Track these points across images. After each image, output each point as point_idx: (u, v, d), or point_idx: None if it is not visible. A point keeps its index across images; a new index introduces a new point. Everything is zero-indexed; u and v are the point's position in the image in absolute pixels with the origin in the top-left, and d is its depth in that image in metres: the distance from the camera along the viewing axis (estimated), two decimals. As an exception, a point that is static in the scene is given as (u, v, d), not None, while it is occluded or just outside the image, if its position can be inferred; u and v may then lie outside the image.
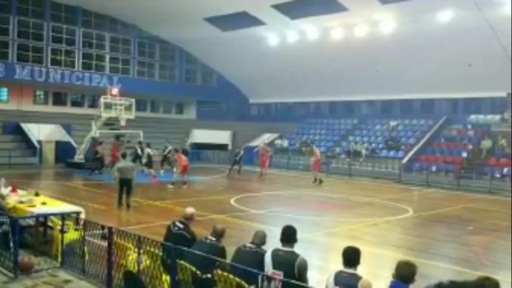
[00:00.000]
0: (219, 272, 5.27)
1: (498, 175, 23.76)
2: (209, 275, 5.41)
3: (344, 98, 35.23)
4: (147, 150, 23.34)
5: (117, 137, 27.28)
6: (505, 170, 23.93)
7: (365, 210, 16.22)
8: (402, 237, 12.36)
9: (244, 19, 30.29)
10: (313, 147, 26.14)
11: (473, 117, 29.55)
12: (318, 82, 33.32)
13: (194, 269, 5.58)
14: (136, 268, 6.34)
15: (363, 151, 29.67)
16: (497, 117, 28.06)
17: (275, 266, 5.27)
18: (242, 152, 27.18)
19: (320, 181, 22.65)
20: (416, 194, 21.01)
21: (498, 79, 25.86)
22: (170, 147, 25.43)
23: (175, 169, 21.93)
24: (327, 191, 20.67)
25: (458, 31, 24.48)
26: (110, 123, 29.22)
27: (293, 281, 4.87)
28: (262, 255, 5.55)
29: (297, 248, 5.64)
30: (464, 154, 26.49)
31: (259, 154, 26.36)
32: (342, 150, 31.24)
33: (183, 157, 20.18)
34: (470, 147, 26.95)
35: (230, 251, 6.03)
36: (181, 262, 5.75)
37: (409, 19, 25.56)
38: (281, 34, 31.93)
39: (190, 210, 7.18)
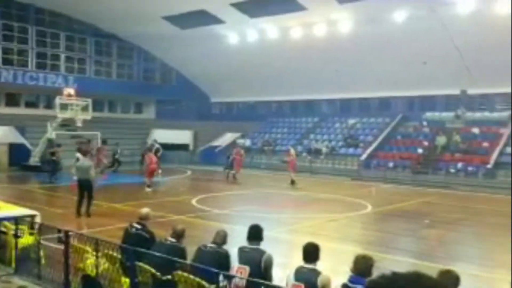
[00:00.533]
0: (179, 273, 5.22)
1: (452, 170, 24.61)
2: (169, 276, 5.35)
3: (305, 97, 35.61)
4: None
5: (104, 141, 26.69)
6: (459, 165, 24.81)
7: (325, 206, 16.45)
8: (361, 232, 12.62)
9: (203, 17, 30.09)
10: (289, 147, 25.49)
11: (428, 114, 30.44)
12: (279, 81, 33.54)
13: (153, 270, 5.51)
14: (95, 271, 6.20)
15: (324, 149, 30.11)
16: (451, 114, 29.03)
17: (242, 262, 5.34)
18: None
19: (293, 182, 21.83)
20: (374, 190, 21.44)
21: (451, 77, 26.79)
22: (157, 145, 25.07)
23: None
24: (289, 189, 20.85)
25: (413, 30, 25.16)
26: (67, 124, 28.43)
27: (257, 279, 4.91)
28: (223, 254, 5.56)
29: (260, 246, 5.70)
30: (420, 150, 27.28)
31: (234, 155, 24.44)
32: (304, 148, 31.56)
33: (154, 159, 19.52)
34: (426, 143, 27.78)
35: (192, 252, 5.99)
36: (141, 264, 5.67)
37: (366, 19, 26.10)
38: (241, 32, 31.94)
39: (145, 210, 7.17)
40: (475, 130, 27.15)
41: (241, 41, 32.31)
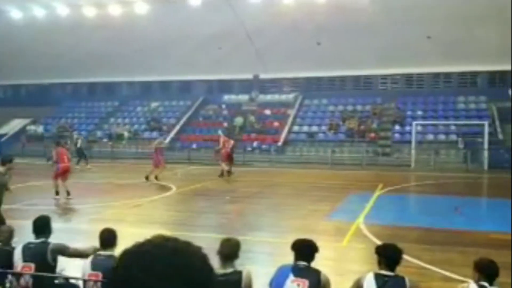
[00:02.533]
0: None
1: (249, 149, 26.55)
2: None
3: (103, 79, 34.07)
4: None
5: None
6: (255, 143, 26.88)
7: (130, 192, 16.10)
8: (165, 214, 12.74)
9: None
10: (221, 136, 21.39)
11: (226, 97, 32.12)
12: (74, 62, 31.29)
13: None
14: None
15: (126, 134, 29.39)
16: (246, 97, 31.17)
17: (27, 259, 4.86)
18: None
19: (222, 174, 19.23)
20: (179, 171, 21.82)
21: (245, 63, 28.68)
22: (80, 140, 22.15)
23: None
24: (90, 177, 19.82)
25: (208, 16, 26.07)
26: None
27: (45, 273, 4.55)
28: (7, 252, 5.00)
29: (56, 239, 5.30)
30: (220, 132, 28.64)
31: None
32: (104, 133, 30.30)
33: (66, 156, 14.91)
34: (225, 124, 29.33)
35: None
36: None
37: (162, 2, 26.07)
38: (26, 8, 28.77)
39: None
40: (267, 112, 29.70)
41: (27, 17, 29.17)
